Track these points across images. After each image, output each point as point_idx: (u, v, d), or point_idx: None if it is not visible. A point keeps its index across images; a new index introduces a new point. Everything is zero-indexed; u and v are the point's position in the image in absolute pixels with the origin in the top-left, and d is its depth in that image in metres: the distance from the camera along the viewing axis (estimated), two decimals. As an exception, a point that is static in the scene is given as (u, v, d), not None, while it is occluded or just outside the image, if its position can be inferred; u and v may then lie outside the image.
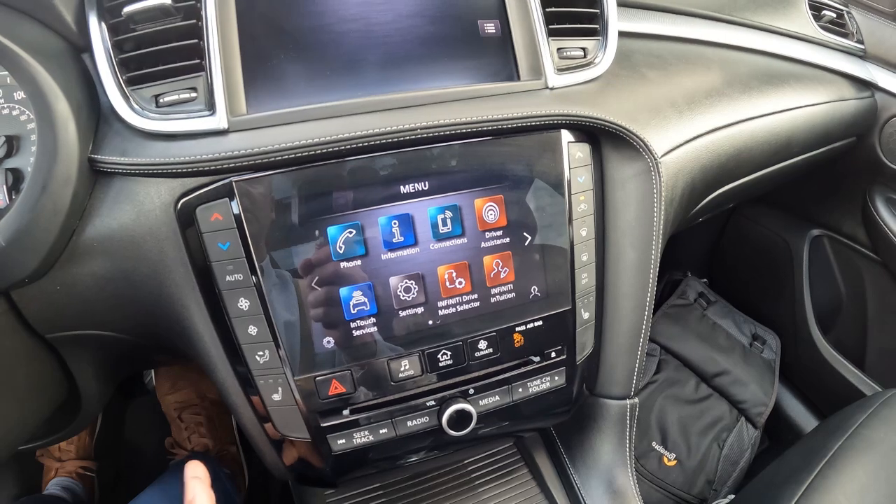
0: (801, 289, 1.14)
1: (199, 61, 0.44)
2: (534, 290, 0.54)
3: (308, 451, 0.53)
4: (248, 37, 0.45)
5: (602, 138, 0.57)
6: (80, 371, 0.56)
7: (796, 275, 1.14)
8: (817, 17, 0.87)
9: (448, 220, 0.50)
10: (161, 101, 0.44)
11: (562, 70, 0.54)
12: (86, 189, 0.44)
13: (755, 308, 1.24)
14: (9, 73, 0.43)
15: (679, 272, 1.30)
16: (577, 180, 0.55)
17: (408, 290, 0.50)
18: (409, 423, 0.54)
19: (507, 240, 0.52)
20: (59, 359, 0.54)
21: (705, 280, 1.33)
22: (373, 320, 0.49)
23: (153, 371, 1.14)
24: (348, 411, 0.52)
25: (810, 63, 0.82)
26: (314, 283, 0.47)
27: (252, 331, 0.47)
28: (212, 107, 0.44)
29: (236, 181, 0.45)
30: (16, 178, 0.44)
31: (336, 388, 0.50)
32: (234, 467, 1.04)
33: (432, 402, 0.54)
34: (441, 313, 0.51)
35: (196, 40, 0.44)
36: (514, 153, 0.52)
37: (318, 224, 0.47)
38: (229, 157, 0.43)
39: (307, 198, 0.46)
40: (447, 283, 0.51)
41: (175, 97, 0.44)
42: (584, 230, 0.56)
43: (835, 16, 0.88)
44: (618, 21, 0.57)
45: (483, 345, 0.53)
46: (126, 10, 0.43)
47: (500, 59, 0.52)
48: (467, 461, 0.73)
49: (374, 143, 0.46)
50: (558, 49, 0.54)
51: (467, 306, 0.52)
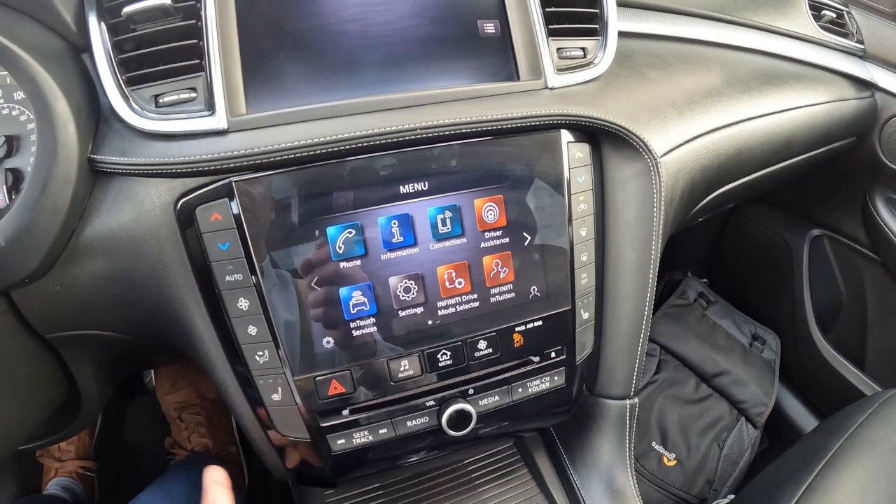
0: (801, 289, 1.14)
1: (198, 61, 0.44)
2: (533, 290, 0.54)
3: (308, 451, 0.53)
4: (247, 37, 0.45)
5: (602, 138, 0.57)
6: (80, 371, 0.56)
7: (796, 275, 1.14)
8: (817, 17, 0.87)
9: (448, 221, 0.50)
10: (161, 101, 0.44)
11: (561, 70, 0.54)
12: (85, 189, 0.44)
13: (755, 308, 1.24)
14: (9, 73, 0.43)
15: (679, 272, 1.30)
16: (577, 180, 0.55)
17: (407, 290, 0.50)
18: (408, 423, 0.54)
19: (507, 240, 0.52)
20: (59, 359, 0.54)
21: (705, 280, 1.33)
22: (372, 320, 0.49)
23: (153, 371, 1.14)
24: (348, 411, 0.52)
25: (810, 63, 0.82)
26: (314, 283, 0.47)
27: (252, 331, 0.47)
28: (211, 107, 0.44)
29: (236, 181, 0.45)
30: (16, 178, 0.44)
31: (336, 388, 0.50)
32: (234, 467, 1.04)
33: (432, 402, 0.54)
34: (441, 313, 0.51)
35: (196, 40, 0.44)
36: (514, 153, 0.52)
37: (318, 224, 0.47)
38: (229, 158, 0.43)
39: (307, 198, 0.46)
40: (447, 283, 0.51)
41: (175, 97, 0.44)
42: (583, 230, 0.56)
43: (835, 16, 0.88)
44: (617, 21, 0.57)
45: (483, 345, 0.53)
46: (126, 10, 0.43)
47: (499, 59, 0.52)
48: (467, 461, 0.73)
49: (373, 143, 0.46)
50: (558, 49, 0.54)
51: (467, 306, 0.52)
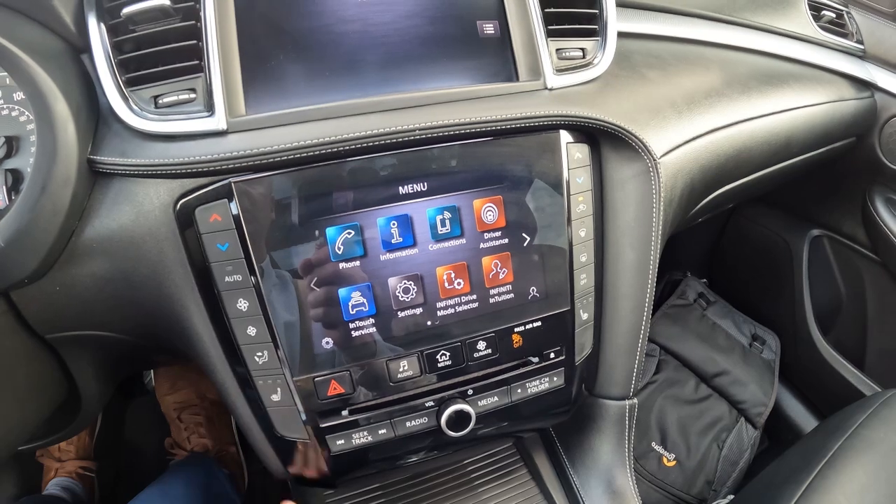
0: (801, 289, 1.14)
1: (198, 62, 0.44)
2: (532, 290, 0.54)
3: (307, 451, 0.53)
4: (247, 37, 0.45)
5: (601, 139, 0.57)
6: (80, 371, 0.56)
7: (796, 275, 1.14)
8: (817, 18, 0.87)
9: (447, 221, 0.50)
10: (160, 101, 0.44)
11: (561, 70, 0.54)
12: (85, 190, 0.44)
13: (755, 308, 1.24)
14: (8, 74, 0.43)
15: (679, 272, 1.30)
16: (576, 181, 0.55)
17: (406, 290, 0.50)
18: (407, 423, 0.54)
19: (506, 240, 0.52)
20: (59, 359, 0.54)
21: (705, 280, 1.33)
22: (371, 321, 0.49)
23: (153, 371, 1.14)
24: (347, 412, 0.52)
25: (810, 63, 0.82)
26: (313, 284, 0.47)
27: (251, 331, 0.47)
28: (211, 108, 0.44)
29: (235, 182, 0.45)
30: (15, 178, 0.44)
31: (335, 388, 0.50)
32: (234, 468, 1.04)
33: (431, 403, 0.54)
34: (440, 314, 0.51)
35: (195, 41, 0.44)
36: (513, 154, 0.52)
37: (317, 225, 0.47)
38: (228, 158, 0.43)
39: (306, 198, 0.46)
40: (446, 284, 0.51)
41: (174, 98, 0.44)
42: (583, 231, 0.56)
43: (834, 16, 0.88)
44: (617, 21, 0.57)
45: (482, 345, 0.53)
46: (125, 10, 0.43)
47: (499, 59, 0.52)
48: (466, 461, 0.73)
49: (372, 143, 0.46)
50: (557, 49, 0.54)
51: (466, 307, 0.52)
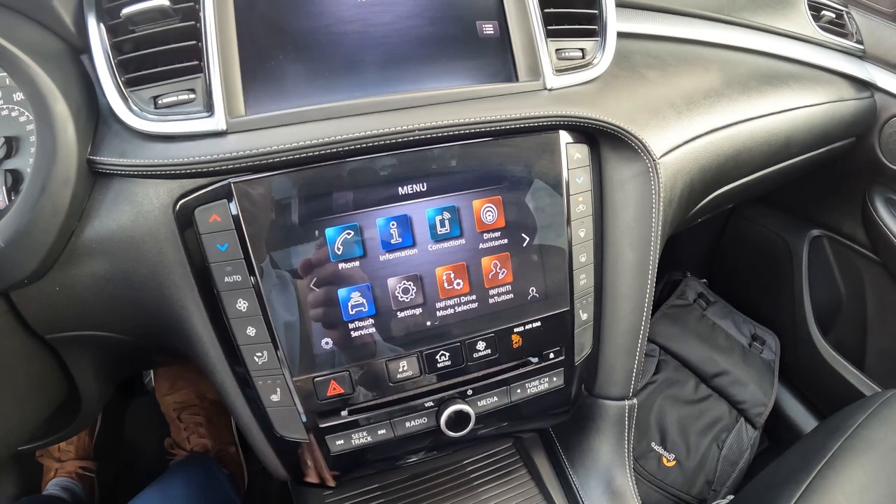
0: (801, 289, 1.14)
1: (197, 63, 0.44)
2: (532, 291, 0.54)
3: (307, 451, 0.53)
4: (246, 38, 0.45)
5: (601, 139, 0.57)
6: (80, 371, 0.56)
7: (796, 275, 1.14)
8: (816, 18, 0.87)
9: (446, 222, 0.50)
10: (160, 102, 0.44)
11: (560, 71, 0.54)
12: (85, 190, 0.44)
13: (755, 308, 1.24)
14: (8, 74, 0.43)
15: (678, 272, 1.30)
16: (576, 181, 0.55)
17: (406, 291, 0.50)
18: (407, 423, 0.54)
19: (506, 241, 0.52)
20: (59, 359, 0.54)
21: (705, 280, 1.33)
22: (371, 321, 0.49)
23: (153, 371, 1.14)
24: (347, 412, 0.52)
25: (809, 63, 0.82)
26: (312, 284, 0.47)
27: (250, 331, 0.47)
28: (210, 108, 0.44)
29: (235, 182, 0.45)
30: (15, 179, 0.44)
31: (334, 388, 0.50)
32: (234, 468, 1.04)
33: (431, 403, 0.54)
34: (439, 314, 0.51)
35: (194, 42, 0.44)
36: (513, 154, 0.52)
37: (317, 225, 0.47)
38: (227, 159, 0.43)
39: (305, 199, 0.46)
40: (445, 284, 0.51)
41: (174, 98, 0.44)
42: (582, 231, 0.56)
43: (834, 16, 0.88)
44: (616, 22, 0.57)
45: (481, 346, 0.53)
46: (125, 11, 0.43)
47: (498, 59, 0.52)
48: (466, 462, 0.73)
49: (372, 144, 0.46)
50: (557, 50, 0.54)
51: (465, 307, 0.52)
